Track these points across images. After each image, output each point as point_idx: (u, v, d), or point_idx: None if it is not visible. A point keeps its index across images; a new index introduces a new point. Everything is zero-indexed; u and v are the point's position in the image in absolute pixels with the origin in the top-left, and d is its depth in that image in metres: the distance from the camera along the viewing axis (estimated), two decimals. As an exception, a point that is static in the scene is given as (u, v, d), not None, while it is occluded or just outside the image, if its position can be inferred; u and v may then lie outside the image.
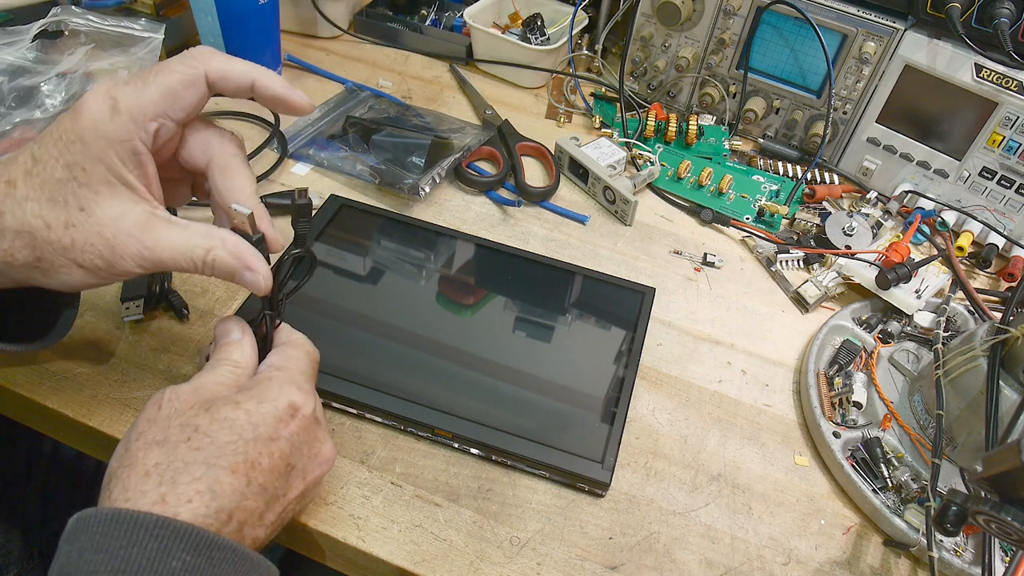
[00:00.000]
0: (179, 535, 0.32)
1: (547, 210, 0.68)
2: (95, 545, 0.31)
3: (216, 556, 0.33)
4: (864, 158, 0.73)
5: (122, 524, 0.31)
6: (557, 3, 0.86)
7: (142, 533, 0.31)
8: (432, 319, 0.55)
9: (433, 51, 0.85)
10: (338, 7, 0.84)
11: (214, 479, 0.34)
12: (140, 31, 0.64)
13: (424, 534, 0.44)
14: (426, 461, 0.47)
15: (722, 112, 0.78)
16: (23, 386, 0.47)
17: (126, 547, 0.31)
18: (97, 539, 0.31)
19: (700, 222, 0.69)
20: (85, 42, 0.62)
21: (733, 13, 0.71)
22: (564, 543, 0.44)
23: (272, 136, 0.67)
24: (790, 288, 0.63)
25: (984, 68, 0.62)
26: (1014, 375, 0.46)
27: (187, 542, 0.32)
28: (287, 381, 0.39)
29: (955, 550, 0.46)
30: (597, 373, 0.52)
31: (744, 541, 0.46)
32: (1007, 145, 0.64)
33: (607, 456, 0.47)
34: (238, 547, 0.34)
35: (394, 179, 0.65)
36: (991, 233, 0.67)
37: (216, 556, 0.33)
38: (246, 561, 0.34)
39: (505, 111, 0.78)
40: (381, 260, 0.60)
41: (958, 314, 0.59)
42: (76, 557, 0.31)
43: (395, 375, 0.50)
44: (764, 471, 0.50)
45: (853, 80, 0.70)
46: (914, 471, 0.49)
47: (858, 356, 0.56)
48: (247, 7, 0.69)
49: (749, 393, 0.55)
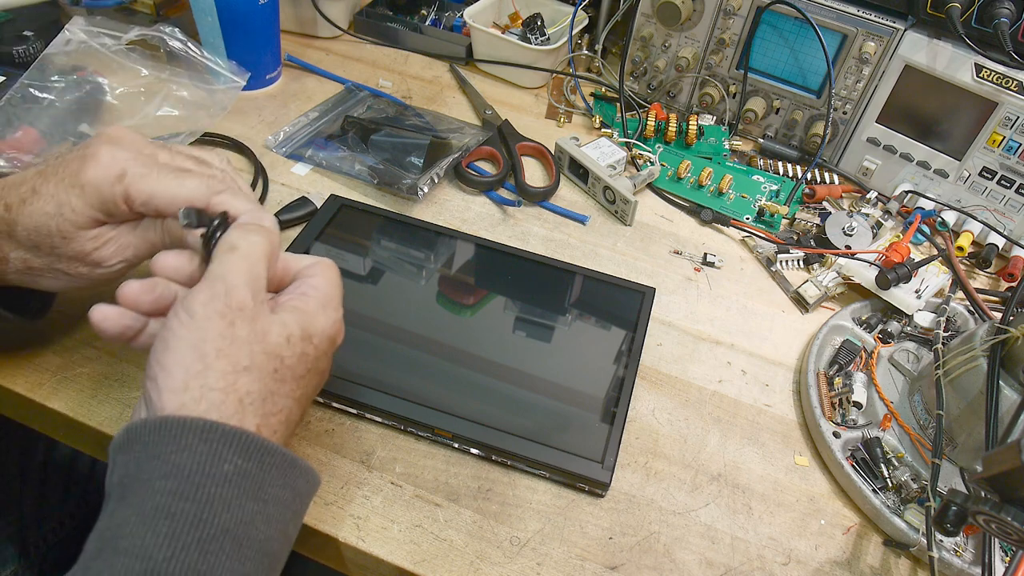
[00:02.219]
0: (229, 439, 0.32)
1: (547, 210, 0.68)
2: (149, 453, 0.31)
3: (267, 460, 0.33)
4: (864, 158, 0.73)
5: (171, 430, 0.32)
6: (557, 3, 0.86)
7: (191, 438, 0.31)
8: (432, 319, 0.55)
9: (433, 51, 0.85)
10: (338, 7, 0.84)
11: (289, 411, 0.36)
12: (223, 69, 0.67)
13: (424, 534, 0.44)
14: (426, 461, 0.47)
15: (722, 112, 0.78)
16: (23, 386, 0.47)
17: (176, 452, 0.31)
18: (150, 447, 0.32)
19: (700, 222, 0.69)
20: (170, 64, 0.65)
21: (733, 13, 0.71)
22: (564, 543, 0.44)
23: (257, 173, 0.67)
24: (790, 288, 0.63)
25: (984, 68, 0.62)
26: (1014, 375, 0.46)
27: (237, 446, 0.32)
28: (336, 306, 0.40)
29: (955, 550, 0.46)
30: (597, 373, 0.52)
31: (744, 541, 0.46)
32: (1007, 145, 0.64)
33: (607, 456, 0.47)
34: (287, 453, 0.34)
35: (393, 179, 0.65)
36: (991, 233, 0.67)
37: (267, 460, 0.33)
38: (295, 467, 0.35)
39: (505, 111, 0.78)
40: (381, 260, 0.60)
41: (958, 314, 0.59)
42: (134, 467, 0.32)
43: (395, 375, 0.50)
44: (764, 471, 0.50)
45: (853, 80, 0.70)
46: (914, 471, 0.49)
47: (858, 356, 0.56)
48: (247, 7, 0.69)
49: (749, 393, 0.55)
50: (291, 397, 0.36)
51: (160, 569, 0.29)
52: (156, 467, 0.31)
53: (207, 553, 0.30)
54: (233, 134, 0.69)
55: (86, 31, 0.62)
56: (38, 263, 0.41)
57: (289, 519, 0.35)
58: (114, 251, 0.41)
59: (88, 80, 0.63)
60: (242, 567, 0.31)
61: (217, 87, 0.66)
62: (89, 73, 0.63)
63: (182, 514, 0.30)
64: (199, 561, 0.30)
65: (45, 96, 0.61)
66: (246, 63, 0.69)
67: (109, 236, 0.41)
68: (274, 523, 0.33)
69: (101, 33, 0.63)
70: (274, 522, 0.33)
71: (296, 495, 0.35)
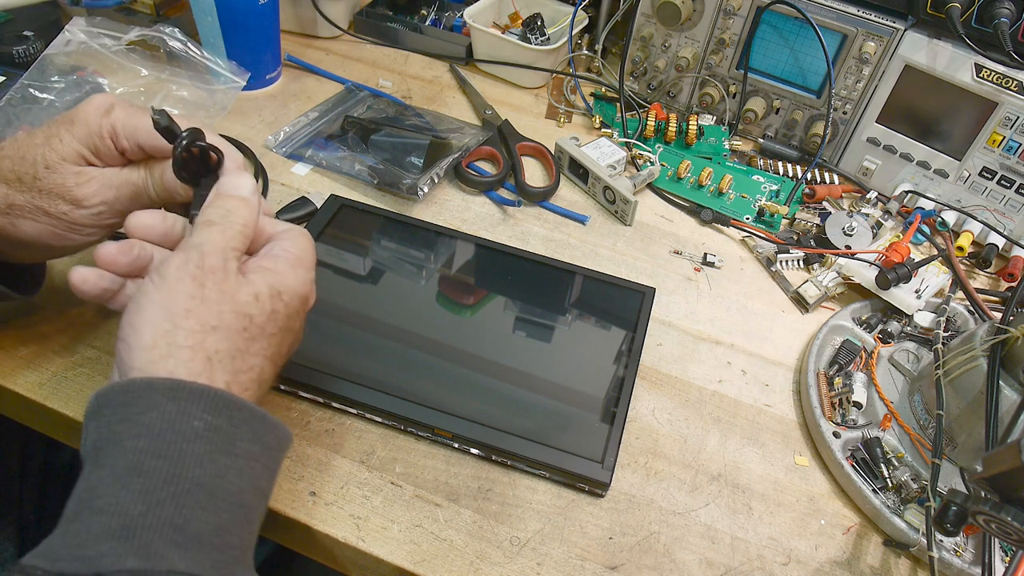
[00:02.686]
0: (197, 396, 0.32)
1: (547, 210, 0.68)
2: (119, 416, 0.32)
3: (236, 416, 0.33)
4: (864, 158, 0.73)
5: (138, 391, 0.32)
6: (557, 3, 0.86)
7: (159, 396, 0.32)
8: (432, 319, 0.55)
9: (433, 51, 0.85)
10: (338, 7, 0.84)
11: (261, 369, 0.36)
12: (223, 69, 0.67)
13: (424, 534, 0.44)
14: (426, 461, 0.47)
15: (722, 112, 0.78)
16: (23, 386, 0.47)
17: (145, 411, 0.32)
18: (119, 410, 0.32)
19: (700, 222, 0.69)
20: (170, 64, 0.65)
21: (733, 13, 0.71)
22: (564, 543, 0.44)
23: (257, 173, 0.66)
24: (790, 288, 0.63)
25: (984, 68, 0.62)
26: (1014, 375, 0.46)
27: (206, 402, 0.32)
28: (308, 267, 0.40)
29: (955, 550, 0.46)
30: (597, 373, 0.52)
31: (744, 541, 0.46)
32: (1007, 145, 0.64)
33: (607, 456, 0.47)
34: (256, 408, 0.35)
35: (392, 179, 0.65)
36: (991, 233, 0.67)
37: (236, 416, 0.33)
38: (264, 422, 0.35)
39: (505, 111, 0.78)
40: (381, 260, 0.60)
41: (958, 314, 0.59)
42: (106, 430, 0.32)
43: (395, 375, 0.50)
44: (764, 471, 0.50)
45: (853, 80, 0.70)
46: (914, 471, 0.49)
47: (858, 356, 0.56)
48: (247, 7, 0.69)
49: (749, 393, 0.55)
50: (262, 355, 0.36)
51: (136, 524, 0.29)
52: (127, 428, 0.32)
53: (182, 506, 0.30)
54: (233, 134, 0.69)
55: (86, 31, 0.62)
56: (20, 199, 0.41)
57: (260, 472, 0.35)
58: (96, 190, 0.41)
59: (88, 80, 0.63)
60: (217, 518, 0.32)
61: (217, 87, 0.66)
62: (89, 73, 0.63)
63: (155, 470, 0.31)
64: (175, 515, 0.30)
65: (45, 96, 0.61)
66: (246, 63, 0.69)
67: (92, 175, 0.42)
68: (246, 476, 0.34)
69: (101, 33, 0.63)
70: (246, 475, 0.34)
71: (266, 449, 0.35)
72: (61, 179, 0.41)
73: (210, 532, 0.31)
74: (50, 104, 0.61)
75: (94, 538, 0.29)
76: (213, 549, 0.31)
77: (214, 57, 0.67)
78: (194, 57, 0.66)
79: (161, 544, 0.29)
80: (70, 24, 0.62)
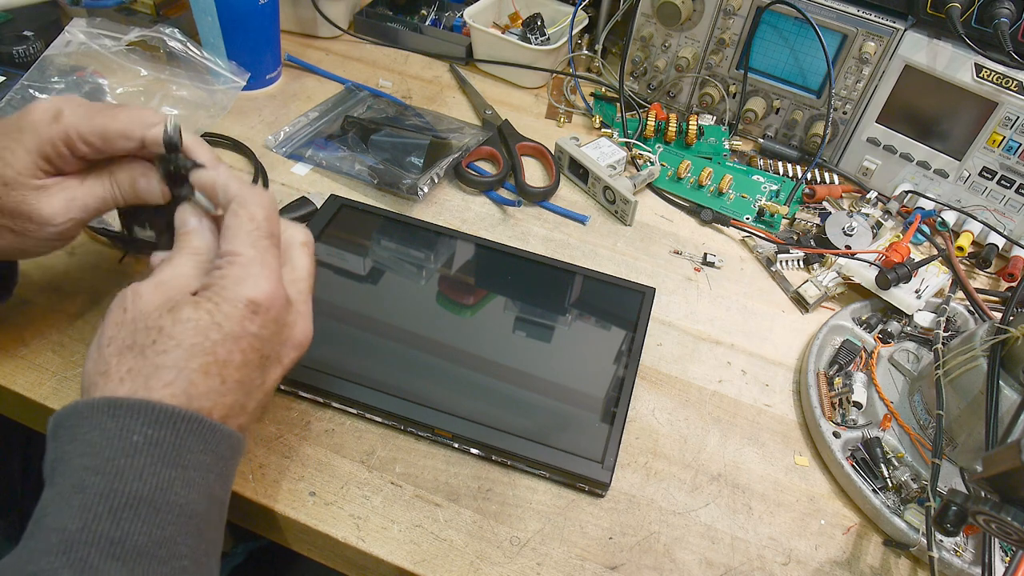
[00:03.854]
0: (136, 411, 0.33)
1: (547, 210, 0.68)
2: (69, 436, 0.33)
3: (181, 427, 0.33)
4: (864, 158, 0.73)
5: (82, 412, 0.33)
6: (557, 3, 0.86)
7: (101, 416, 0.33)
8: (432, 319, 0.55)
9: (433, 51, 0.85)
10: (338, 7, 0.84)
11: (188, 382, 0.34)
12: (223, 69, 0.67)
13: (424, 534, 0.44)
14: (426, 461, 0.47)
15: (722, 112, 0.78)
16: (23, 386, 0.47)
17: (89, 431, 0.33)
18: (69, 431, 0.33)
19: (700, 222, 0.69)
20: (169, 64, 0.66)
21: (733, 13, 0.71)
22: (564, 543, 0.44)
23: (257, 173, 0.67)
24: (790, 288, 0.63)
25: (984, 68, 0.62)
26: (1014, 375, 0.46)
27: (145, 416, 0.33)
28: (243, 276, 0.37)
29: (955, 550, 0.46)
30: (597, 373, 0.52)
31: (744, 541, 0.46)
32: (1007, 145, 0.64)
33: (607, 456, 0.47)
34: (204, 419, 0.34)
35: (392, 179, 0.65)
36: (991, 233, 0.67)
37: (181, 427, 0.33)
38: (214, 432, 0.35)
39: (505, 111, 0.78)
40: (381, 260, 0.60)
41: (958, 314, 0.59)
42: (59, 451, 0.33)
43: (395, 375, 0.50)
44: (764, 471, 0.50)
45: (853, 80, 0.70)
46: (914, 471, 0.49)
47: (858, 356, 0.56)
48: (247, 7, 0.69)
49: (749, 393, 0.55)
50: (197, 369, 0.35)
51: (73, 539, 0.30)
52: (74, 447, 0.32)
53: (120, 520, 0.31)
54: (233, 134, 0.69)
55: (86, 32, 0.62)
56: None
57: (213, 481, 0.35)
58: (62, 207, 0.41)
59: (88, 80, 0.63)
60: (161, 531, 0.32)
61: (217, 87, 0.66)
62: (89, 73, 0.63)
63: (92, 487, 0.31)
64: (111, 529, 0.31)
65: (45, 97, 0.61)
66: (246, 63, 0.70)
67: (53, 188, 0.41)
68: (196, 486, 0.34)
69: (101, 34, 0.63)
70: (196, 485, 0.34)
71: (219, 458, 0.35)
72: (22, 196, 0.40)
73: (152, 544, 0.31)
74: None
75: (39, 555, 0.30)
76: (156, 561, 0.31)
77: (214, 57, 0.67)
78: (194, 57, 0.66)
79: (98, 558, 0.30)
80: (70, 24, 0.62)
